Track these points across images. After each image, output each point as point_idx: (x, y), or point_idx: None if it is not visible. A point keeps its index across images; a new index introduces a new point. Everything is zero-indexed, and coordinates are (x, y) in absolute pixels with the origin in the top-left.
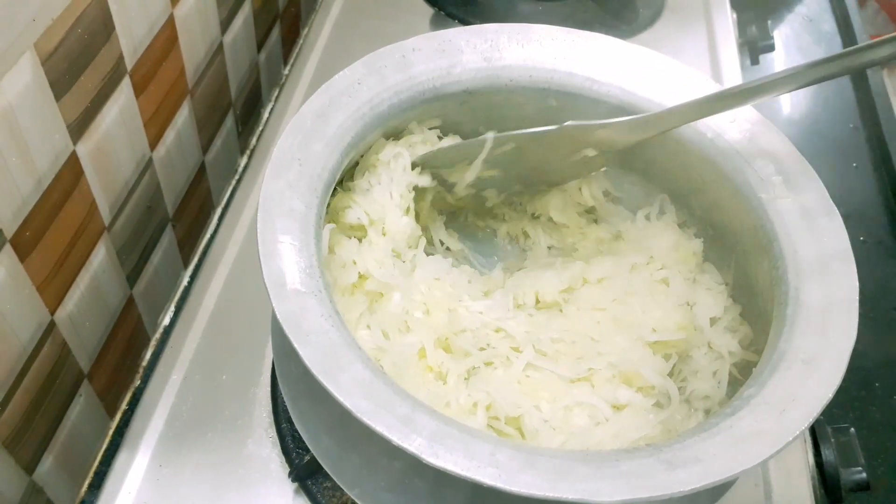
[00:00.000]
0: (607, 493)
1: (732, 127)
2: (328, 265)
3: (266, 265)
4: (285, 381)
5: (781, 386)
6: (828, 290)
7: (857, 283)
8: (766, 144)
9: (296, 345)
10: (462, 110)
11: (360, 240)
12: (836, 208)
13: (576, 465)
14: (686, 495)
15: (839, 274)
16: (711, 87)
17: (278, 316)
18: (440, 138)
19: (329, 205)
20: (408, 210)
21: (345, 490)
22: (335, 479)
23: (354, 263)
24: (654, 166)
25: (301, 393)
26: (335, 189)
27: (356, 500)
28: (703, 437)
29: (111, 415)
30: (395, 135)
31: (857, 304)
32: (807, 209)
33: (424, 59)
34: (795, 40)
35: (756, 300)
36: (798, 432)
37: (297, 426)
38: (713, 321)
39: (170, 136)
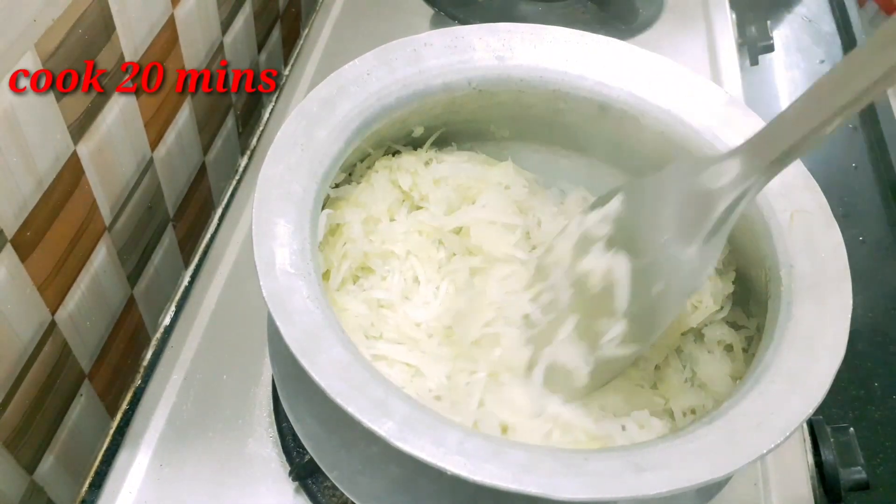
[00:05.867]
0: (570, 490)
1: (738, 140)
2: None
3: (258, 245)
4: (275, 362)
5: (762, 399)
6: (821, 307)
7: (850, 303)
8: None
9: (278, 323)
10: (471, 108)
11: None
12: (836, 225)
13: (544, 459)
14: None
15: (834, 292)
16: (721, 97)
17: (264, 294)
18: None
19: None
20: None
21: (324, 470)
22: (317, 461)
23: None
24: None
25: (290, 374)
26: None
27: (335, 482)
28: (677, 444)
29: (112, 414)
30: (396, 137)
31: (848, 324)
32: (807, 223)
33: (436, 53)
34: (795, 41)
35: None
36: (773, 446)
37: (285, 406)
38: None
39: (170, 136)
